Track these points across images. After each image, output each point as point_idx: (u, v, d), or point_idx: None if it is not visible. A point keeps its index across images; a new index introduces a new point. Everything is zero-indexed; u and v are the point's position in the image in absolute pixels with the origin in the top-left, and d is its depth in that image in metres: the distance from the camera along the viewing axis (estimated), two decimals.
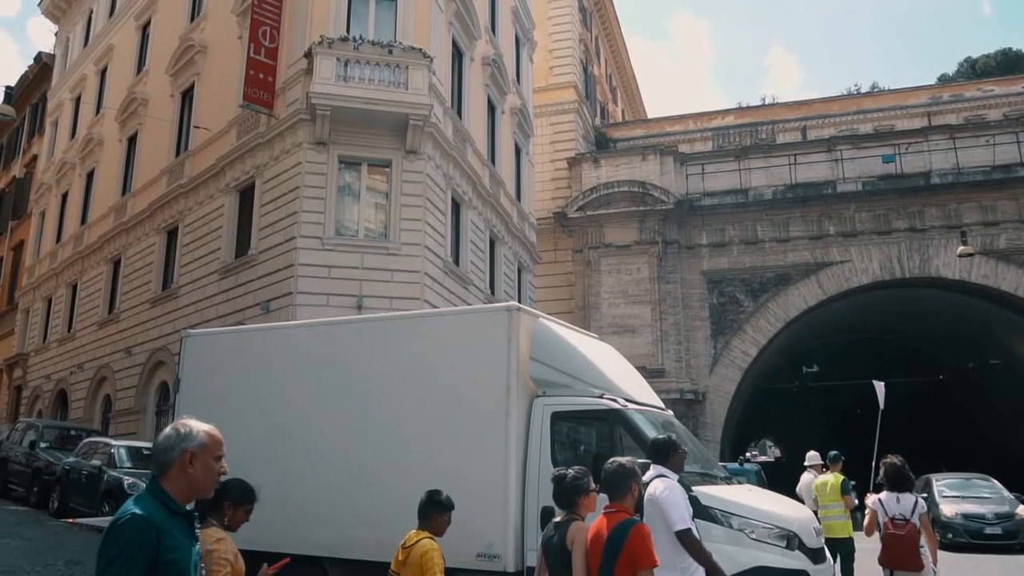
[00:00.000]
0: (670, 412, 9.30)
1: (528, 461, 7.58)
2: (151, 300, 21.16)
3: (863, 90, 42.43)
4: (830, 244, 25.76)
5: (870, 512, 6.83)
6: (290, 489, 8.53)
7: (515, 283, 23.07)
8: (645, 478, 5.07)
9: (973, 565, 14.75)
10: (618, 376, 8.54)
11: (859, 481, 12.67)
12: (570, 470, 4.63)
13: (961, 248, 23.09)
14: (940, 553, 12.16)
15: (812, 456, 12.26)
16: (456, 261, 18.21)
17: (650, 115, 48.14)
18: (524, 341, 7.87)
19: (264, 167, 17.26)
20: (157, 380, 20.69)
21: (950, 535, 16.72)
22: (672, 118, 35.25)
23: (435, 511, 4.84)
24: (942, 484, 18.49)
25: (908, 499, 6.59)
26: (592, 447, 8.15)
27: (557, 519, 4.57)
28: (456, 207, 18.59)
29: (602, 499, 4.49)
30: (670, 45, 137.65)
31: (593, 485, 4.61)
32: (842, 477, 10.64)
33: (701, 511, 6.95)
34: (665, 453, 5.58)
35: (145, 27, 25.45)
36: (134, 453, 15.45)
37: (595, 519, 4.41)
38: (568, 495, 4.48)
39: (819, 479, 10.93)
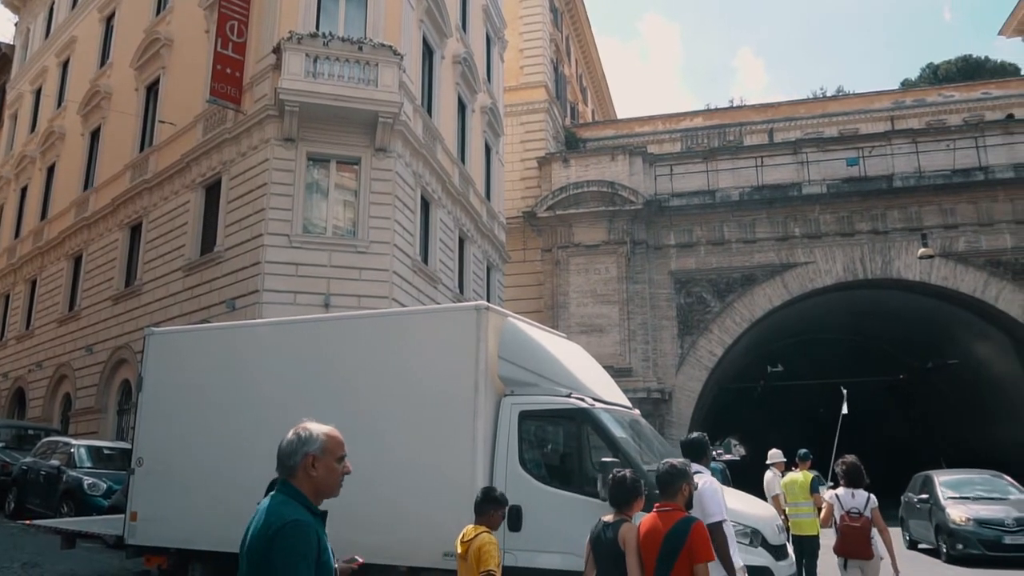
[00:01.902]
0: (637, 411, 9.38)
1: (495, 460, 7.59)
2: (113, 297, 20.80)
3: (829, 94, 43.15)
4: (795, 245, 26.13)
5: (826, 506, 7.58)
6: (256, 489, 8.44)
7: (484, 282, 23.07)
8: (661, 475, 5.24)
9: None
10: (586, 375, 8.58)
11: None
12: (627, 472, 4.89)
13: (922, 250, 23.59)
14: (946, 568, 12.88)
15: (774, 454, 12.44)
16: (425, 260, 18.15)
17: (620, 115, 48.45)
18: (492, 340, 7.87)
19: (231, 163, 17.06)
20: (119, 379, 20.35)
21: (960, 546, 13.65)
22: (641, 119, 35.50)
23: (491, 507, 5.11)
24: (946, 483, 15.26)
25: (862, 495, 7.30)
26: (560, 446, 8.19)
27: (607, 518, 4.77)
28: (425, 205, 18.53)
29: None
30: (640, 45, 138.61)
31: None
32: (811, 475, 10.83)
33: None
34: (701, 451, 5.99)
35: (109, 19, 25.00)
36: (94, 453, 15.19)
37: (645, 517, 4.63)
38: (626, 496, 4.72)
39: (788, 477, 11.10)
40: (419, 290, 17.32)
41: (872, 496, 7.35)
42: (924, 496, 15.40)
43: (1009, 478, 15.76)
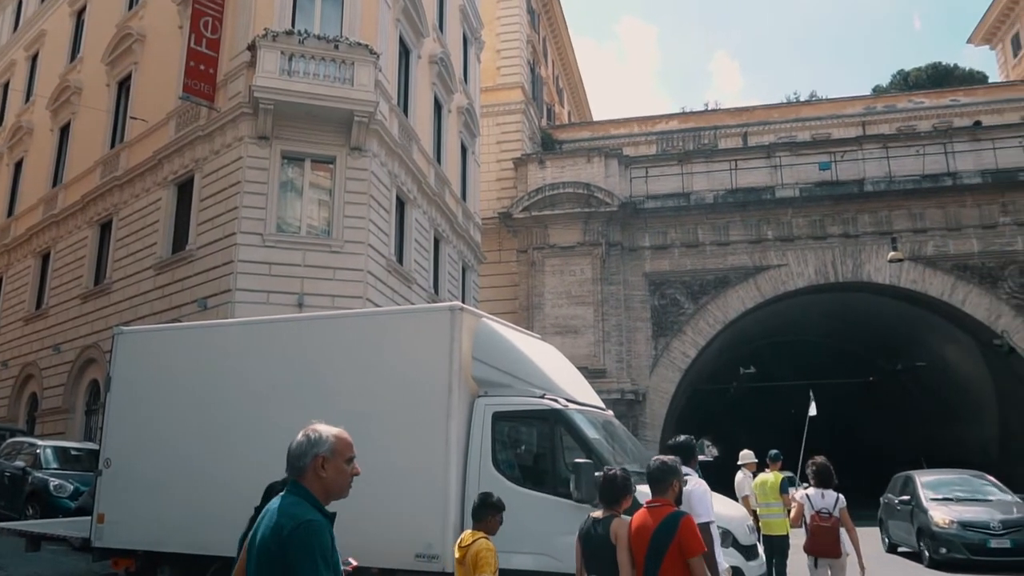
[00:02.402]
0: (610, 412, 9.42)
1: (469, 461, 7.58)
2: (82, 296, 20.49)
3: (802, 98, 43.57)
4: (768, 248, 26.39)
5: (796, 505, 7.73)
6: (226, 491, 8.37)
7: (459, 282, 23.04)
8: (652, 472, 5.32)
9: None
10: (559, 376, 8.60)
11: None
12: (617, 471, 4.95)
13: (891, 254, 23.96)
14: (929, 573, 12.71)
15: (745, 455, 12.55)
16: (400, 260, 18.09)
17: (596, 117, 48.62)
18: (466, 341, 7.87)
19: (204, 161, 16.88)
20: (87, 378, 20.05)
21: (943, 550, 13.01)
22: (617, 121, 35.68)
23: (489, 513, 5.14)
24: (928, 484, 14.62)
25: (831, 495, 7.50)
26: (533, 447, 8.20)
27: (596, 515, 4.83)
28: (401, 205, 18.47)
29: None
30: (617, 47, 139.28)
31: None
32: (782, 476, 10.93)
33: (640, 509, 7.06)
34: (689, 453, 6.09)
35: (80, 13, 24.63)
36: (61, 454, 14.95)
37: (636, 513, 4.69)
38: (617, 494, 4.79)
39: (759, 478, 11.20)
40: (394, 290, 17.26)
41: (841, 496, 7.53)
42: (905, 498, 14.70)
43: (991, 478, 15.19)
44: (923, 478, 14.94)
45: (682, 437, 6.30)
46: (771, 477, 10.86)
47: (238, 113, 16.00)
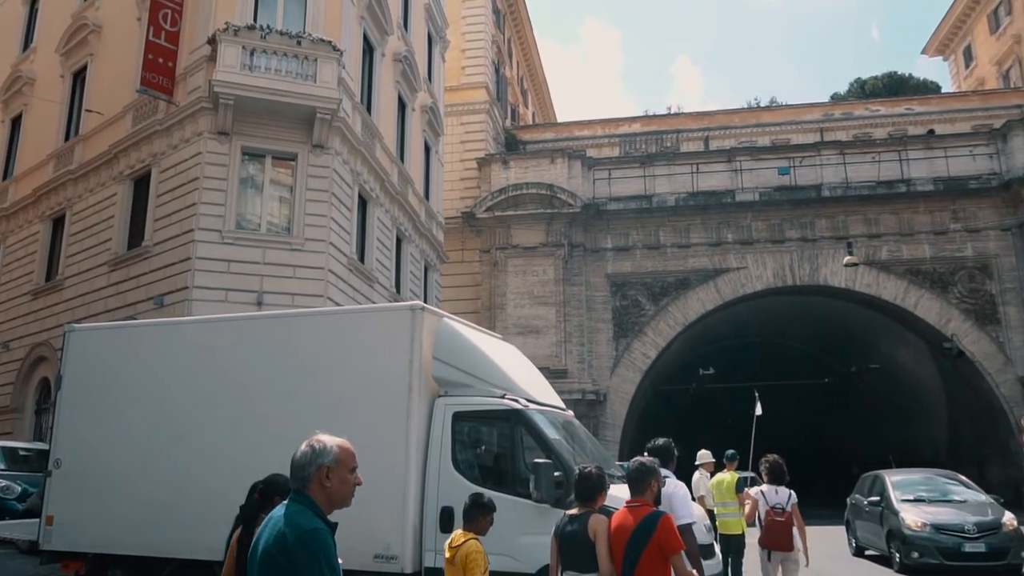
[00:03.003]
0: (571, 412, 9.45)
1: (428, 461, 7.56)
2: (32, 292, 19.98)
3: (762, 104, 44.26)
4: (728, 251, 26.75)
5: (751, 501, 8.00)
6: (180, 491, 8.23)
7: (421, 282, 22.96)
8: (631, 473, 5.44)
9: None
10: (520, 377, 8.61)
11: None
12: (592, 468, 5.04)
13: (847, 258, 24.46)
14: None
15: (703, 455, 12.69)
16: (361, 258, 17.97)
17: (560, 119, 48.82)
18: (427, 341, 7.84)
19: (162, 155, 16.59)
20: (37, 377, 19.55)
21: (915, 554, 12.20)
22: (581, 123, 35.87)
23: (480, 513, 5.14)
24: (898, 484, 13.84)
25: (784, 491, 7.82)
26: (493, 447, 8.20)
27: (573, 511, 4.91)
28: (363, 203, 18.35)
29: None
30: (581, 49, 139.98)
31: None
32: (737, 475, 11.08)
33: (600, 510, 7.09)
34: (669, 456, 6.24)
35: (33, 2, 24.01)
36: (9, 454, 14.58)
37: (616, 512, 4.79)
38: (593, 491, 4.88)
39: (716, 477, 11.34)
40: (355, 289, 17.13)
41: (793, 492, 7.84)
42: (874, 498, 13.90)
43: (963, 477, 14.62)
44: (893, 478, 14.12)
45: (661, 440, 6.41)
46: (728, 477, 11.01)
47: (197, 108, 15.75)
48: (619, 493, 7.55)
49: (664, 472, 5.75)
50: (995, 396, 24.80)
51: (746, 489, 10.31)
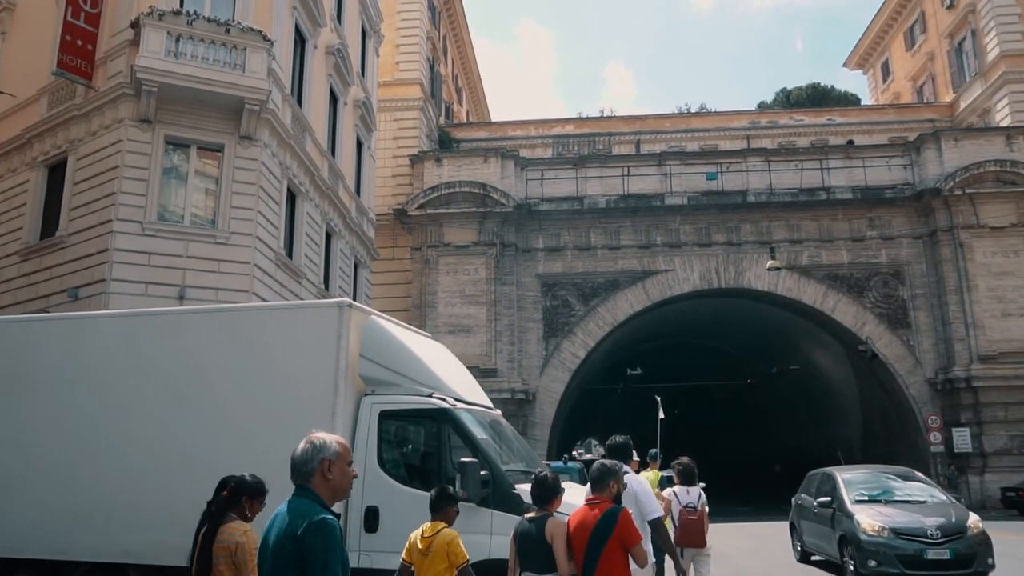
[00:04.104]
0: (498, 411, 9.47)
1: (353, 460, 7.45)
2: None
3: (692, 110, 45.28)
4: (657, 253, 27.25)
5: (665, 501, 8.22)
6: (92, 492, 7.93)
7: (351, 279, 22.66)
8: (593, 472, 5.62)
9: None
10: (448, 375, 8.58)
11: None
12: (547, 473, 5.24)
13: (770, 263, 25.22)
14: None
15: None
16: (289, 254, 17.63)
17: (494, 118, 48.90)
18: (354, 338, 7.74)
19: (79, 142, 15.92)
20: None
21: (873, 562, 10.70)
22: (515, 123, 36.00)
23: (447, 504, 5.31)
24: (851, 483, 12.44)
25: (695, 491, 8.21)
26: (420, 446, 8.15)
27: (531, 515, 5.06)
28: (292, 198, 18.00)
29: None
30: (516, 50, 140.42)
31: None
32: (660, 474, 11.33)
33: (524, 508, 7.12)
34: (627, 453, 6.48)
35: None
36: None
37: (576, 509, 5.02)
38: (549, 494, 5.07)
39: (639, 476, 11.54)
40: (282, 285, 16.80)
41: (703, 493, 8.26)
42: (825, 499, 12.44)
43: (921, 475, 13.56)
44: (844, 475, 12.78)
45: (620, 438, 6.58)
46: (651, 475, 11.24)
47: (118, 94, 15.17)
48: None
49: (624, 468, 5.92)
50: (905, 396, 25.96)
51: (657, 490, 10.60)
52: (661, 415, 18.38)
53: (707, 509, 8.21)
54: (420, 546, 5.14)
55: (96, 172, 15.28)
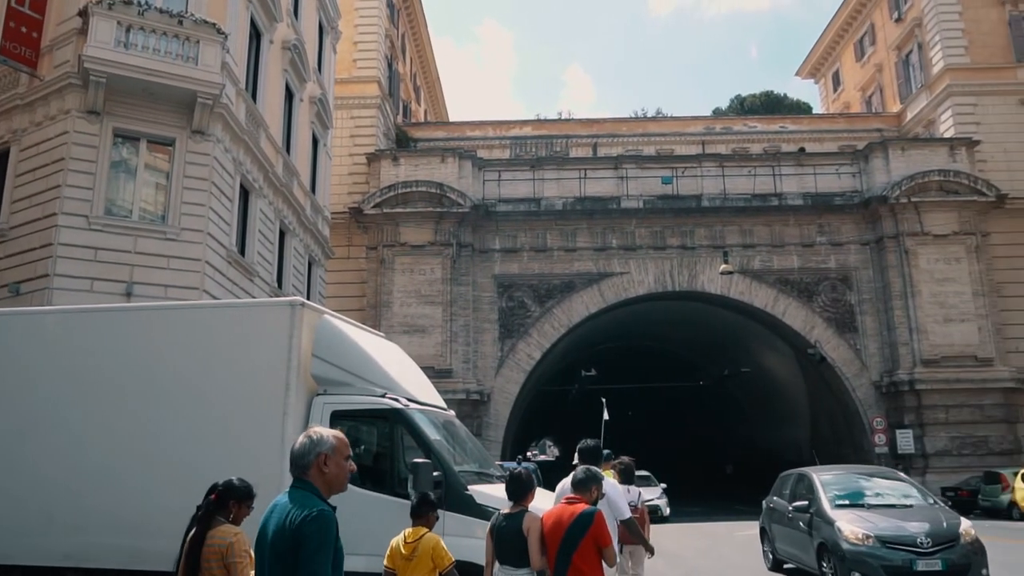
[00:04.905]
0: (452, 412, 9.45)
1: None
2: None
3: (649, 114, 45.79)
4: (612, 256, 27.46)
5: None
6: (32, 493, 7.70)
7: (305, 277, 22.37)
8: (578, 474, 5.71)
9: None
10: (402, 376, 8.54)
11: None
12: (521, 470, 5.42)
13: (723, 266, 25.61)
14: None
15: None
16: (242, 251, 17.34)
17: (452, 118, 48.76)
18: (306, 338, 7.65)
19: (23, 132, 15.42)
20: None
21: (856, 574, 9.74)
22: (473, 123, 35.94)
23: (428, 509, 5.41)
24: (830, 484, 11.41)
25: (634, 490, 8.56)
26: (373, 447, 8.09)
27: (506, 510, 5.22)
28: (245, 194, 17.71)
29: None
30: (476, 50, 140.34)
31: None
32: (612, 473, 11.40)
33: (476, 508, 7.12)
34: (599, 456, 6.78)
35: None
36: None
37: (554, 507, 5.20)
38: (523, 490, 5.23)
39: None
40: (234, 283, 16.51)
41: (642, 492, 8.58)
42: (802, 503, 11.41)
43: (904, 475, 12.60)
44: (822, 476, 11.73)
45: (591, 442, 6.78)
46: (607, 475, 11.36)
47: (65, 84, 14.75)
48: (498, 493, 7.62)
49: (595, 471, 6.05)
50: (851, 399, 26.58)
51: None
52: (606, 416, 18.80)
53: (647, 508, 8.45)
54: (404, 551, 5.21)
55: (40, 164, 14.83)
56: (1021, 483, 21.48)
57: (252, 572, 4.25)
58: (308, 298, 19.68)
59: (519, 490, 5.25)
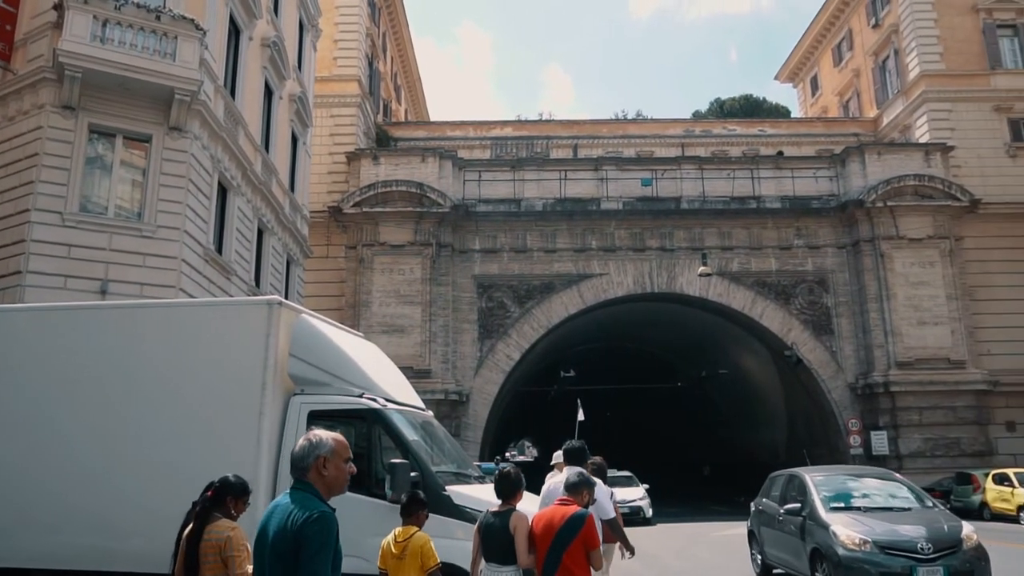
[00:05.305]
0: (430, 413, 9.42)
1: (281, 461, 7.31)
2: None
3: (629, 116, 46.00)
4: (592, 257, 27.52)
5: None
6: (9, 493, 7.58)
7: (283, 276, 22.22)
8: (566, 475, 5.75)
9: None
10: (380, 376, 8.50)
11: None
12: (509, 468, 5.45)
13: (701, 268, 25.76)
14: None
15: (558, 455, 12.96)
16: (219, 249, 17.19)
17: (432, 117, 48.67)
18: (284, 337, 7.60)
19: None
20: None
21: None
22: (454, 123, 35.89)
23: (418, 508, 5.40)
24: (824, 486, 10.81)
25: (606, 489, 8.59)
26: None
27: (495, 509, 5.25)
28: (222, 192, 17.55)
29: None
30: (456, 50, 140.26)
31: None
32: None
33: (454, 509, 7.11)
34: (584, 457, 6.87)
35: None
36: None
37: (546, 508, 5.27)
38: (512, 489, 5.27)
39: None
40: (211, 281, 16.36)
41: (614, 491, 8.36)
42: (794, 505, 10.86)
43: (900, 476, 11.98)
44: (815, 477, 11.15)
45: (576, 443, 6.95)
46: None
47: (39, 78, 14.54)
48: (476, 493, 7.61)
49: (581, 471, 6.08)
50: (827, 400, 26.84)
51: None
52: (581, 416, 18.95)
53: (617, 506, 8.46)
54: (394, 551, 5.24)
55: (13, 159, 14.61)
56: (992, 484, 21.81)
57: (250, 566, 4.29)
58: (286, 297, 19.53)
59: (508, 488, 5.28)
